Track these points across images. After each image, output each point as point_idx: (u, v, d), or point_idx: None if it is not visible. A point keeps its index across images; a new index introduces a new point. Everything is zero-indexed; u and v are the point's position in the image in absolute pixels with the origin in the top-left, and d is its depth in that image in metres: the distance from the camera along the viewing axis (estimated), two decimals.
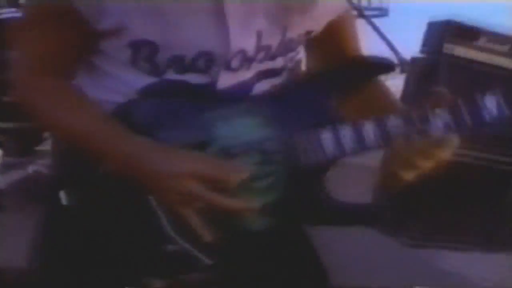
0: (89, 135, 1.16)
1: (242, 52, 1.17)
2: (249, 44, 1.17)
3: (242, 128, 1.17)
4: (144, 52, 1.15)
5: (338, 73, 1.23)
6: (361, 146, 1.14)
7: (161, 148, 1.14)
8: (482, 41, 2.80)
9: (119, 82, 1.19)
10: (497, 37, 2.78)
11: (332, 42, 1.30)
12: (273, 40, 1.19)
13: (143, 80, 1.18)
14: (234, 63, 1.18)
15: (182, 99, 1.20)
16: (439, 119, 1.11)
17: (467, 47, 2.81)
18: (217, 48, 1.16)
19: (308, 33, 1.24)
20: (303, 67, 1.38)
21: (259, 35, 1.17)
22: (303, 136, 1.16)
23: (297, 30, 1.21)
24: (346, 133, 1.15)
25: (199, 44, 1.15)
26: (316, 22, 1.24)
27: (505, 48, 2.81)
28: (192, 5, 1.13)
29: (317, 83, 1.22)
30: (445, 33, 2.84)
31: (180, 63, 1.17)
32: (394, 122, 1.13)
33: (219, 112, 1.17)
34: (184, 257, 1.17)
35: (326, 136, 1.15)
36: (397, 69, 1.24)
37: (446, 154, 1.12)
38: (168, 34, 1.13)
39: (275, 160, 1.16)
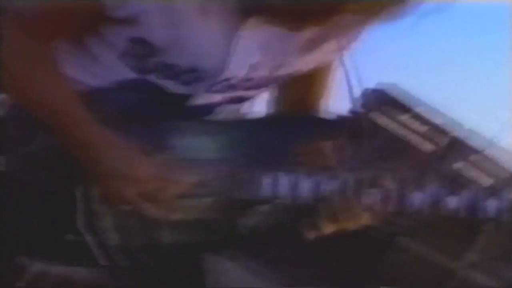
0: (59, 112, 1.19)
1: (229, 79, 1.22)
2: (239, 74, 1.22)
3: (198, 145, 1.24)
4: (140, 51, 1.18)
5: (302, 123, 1.30)
6: (295, 197, 1.21)
7: (121, 145, 1.18)
8: (405, 117, 2.91)
9: (100, 68, 1.23)
10: (420, 117, 2.90)
11: (305, 85, 1.38)
12: (259, 75, 1.25)
13: (124, 74, 1.22)
14: (217, 87, 1.22)
15: (153, 101, 1.25)
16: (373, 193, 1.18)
17: (391, 119, 2.92)
18: (212, 70, 1.20)
19: (296, 72, 1.29)
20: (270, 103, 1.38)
21: (250, 68, 1.22)
22: (247, 172, 1.22)
23: (288, 69, 1.27)
24: (285, 180, 1.21)
25: (197, 61, 1.19)
26: (307, 64, 1.30)
27: (424, 128, 2.93)
28: (211, 22, 1.15)
29: (281, 126, 1.27)
30: (375, 101, 2.95)
31: (169, 71, 1.21)
32: (329, 183, 1.20)
33: (182, 124, 1.24)
34: (81, 250, 1.21)
35: (268, 179, 1.21)
36: None
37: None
38: (175, 43, 1.16)
39: (211, 185, 1.22)
